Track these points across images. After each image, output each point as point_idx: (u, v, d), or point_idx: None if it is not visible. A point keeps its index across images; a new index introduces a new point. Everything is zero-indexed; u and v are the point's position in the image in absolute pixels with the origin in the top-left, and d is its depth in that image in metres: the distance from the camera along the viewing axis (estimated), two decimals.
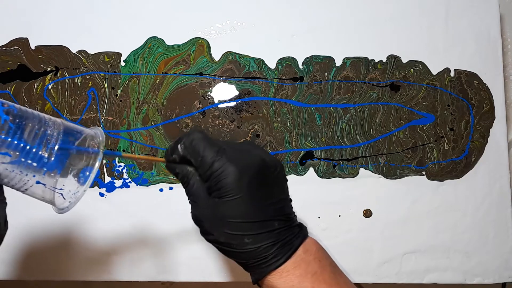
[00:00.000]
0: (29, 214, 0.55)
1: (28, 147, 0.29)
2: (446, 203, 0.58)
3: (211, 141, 0.35)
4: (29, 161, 0.30)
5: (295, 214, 0.37)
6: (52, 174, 0.31)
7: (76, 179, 0.32)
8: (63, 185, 0.32)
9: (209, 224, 0.34)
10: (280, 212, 0.35)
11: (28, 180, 0.30)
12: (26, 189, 0.31)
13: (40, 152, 0.30)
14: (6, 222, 0.34)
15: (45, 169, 0.30)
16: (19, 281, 0.55)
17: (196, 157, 0.34)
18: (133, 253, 0.56)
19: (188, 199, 0.36)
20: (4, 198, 0.34)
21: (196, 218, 0.35)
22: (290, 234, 0.35)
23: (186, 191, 0.36)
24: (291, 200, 0.37)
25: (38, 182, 0.31)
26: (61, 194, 0.32)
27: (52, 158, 0.30)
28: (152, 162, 0.57)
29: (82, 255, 0.56)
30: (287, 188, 0.37)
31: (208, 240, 0.35)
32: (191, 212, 0.36)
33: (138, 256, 0.56)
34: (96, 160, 0.32)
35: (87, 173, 0.32)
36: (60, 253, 0.56)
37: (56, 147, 0.30)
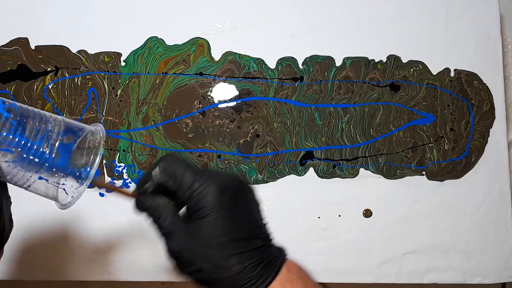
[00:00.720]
0: (29, 214, 0.55)
1: (30, 144, 0.30)
2: (446, 203, 0.58)
3: (190, 163, 0.35)
4: (31, 157, 0.30)
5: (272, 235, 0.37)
6: (54, 170, 0.31)
7: (78, 173, 0.32)
8: (65, 180, 0.32)
9: (189, 253, 0.32)
10: (260, 231, 0.35)
11: (30, 176, 0.31)
12: (29, 185, 0.31)
13: (42, 148, 0.30)
14: (11, 220, 0.34)
15: (47, 164, 0.30)
16: (19, 281, 0.55)
17: (175, 177, 0.34)
18: (133, 253, 0.56)
19: (161, 233, 0.34)
20: (9, 197, 0.34)
21: (173, 251, 0.33)
22: (272, 253, 0.34)
23: (157, 226, 0.34)
24: (266, 224, 0.37)
25: (40, 178, 0.31)
26: (64, 189, 0.32)
27: (54, 154, 0.31)
28: (153, 162, 0.57)
29: (82, 255, 0.56)
30: (262, 212, 0.37)
31: (189, 274, 0.33)
32: (165, 247, 0.33)
33: (138, 256, 0.55)
34: (97, 155, 0.32)
35: (88, 169, 0.32)
36: (60, 253, 0.56)
37: (57, 143, 0.31)
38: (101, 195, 0.57)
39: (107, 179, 0.57)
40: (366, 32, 0.60)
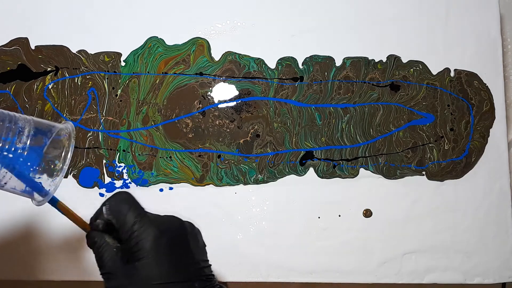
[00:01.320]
0: (28, 214, 0.55)
1: (2, 140, 0.31)
2: (446, 203, 0.58)
3: (135, 204, 0.36)
4: (5, 153, 0.31)
5: (215, 276, 0.38)
6: (29, 164, 0.32)
7: (52, 166, 0.33)
8: (40, 176, 0.33)
9: None
10: (200, 273, 0.35)
11: (6, 173, 0.31)
12: (5, 183, 0.32)
13: (15, 144, 0.31)
14: None
15: (21, 159, 0.31)
16: (19, 281, 0.55)
17: (118, 216, 0.35)
18: None
19: (101, 273, 0.35)
20: None
21: None
22: None
23: (99, 265, 0.35)
24: (210, 265, 0.38)
25: (16, 174, 0.32)
26: (40, 183, 0.33)
27: (26, 151, 0.32)
28: (153, 162, 0.57)
29: (82, 255, 0.56)
30: (206, 253, 0.38)
31: None
32: (104, 286, 0.35)
33: None
34: (69, 147, 0.33)
35: (61, 164, 0.33)
36: (60, 253, 0.56)
37: (28, 141, 0.32)
38: (101, 195, 0.57)
39: (107, 179, 0.57)
40: (366, 32, 0.60)
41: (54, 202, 0.35)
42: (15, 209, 0.55)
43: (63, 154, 0.33)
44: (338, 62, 0.60)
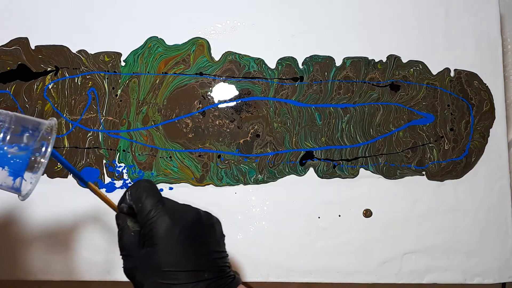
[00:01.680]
0: (28, 214, 0.55)
1: None
2: (446, 203, 0.58)
3: (154, 192, 0.37)
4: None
5: (229, 266, 0.38)
6: (12, 159, 0.33)
7: (33, 158, 0.34)
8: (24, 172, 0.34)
9: (140, 275, 0.35)
10: (211, 264, 0.36)
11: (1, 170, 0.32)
12: None
13: (5, 143, 0.32)
14: None
15: (1, 151, 0.32)
16: (19, 281, 0.55)
17: (137, 203, 0.37)
18: None
19: (121, 254, 0.37)
20: None
21: (128, 272, 0.36)
22: (221, 285, 0.36)
23: (119, 246, 0.37)
24: (227, 255, 0.39)
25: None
26: (25, 179, 0.33)
27: (7, 144, 0.33)
28: (153, 162, 0.57)
29: (82, 255, 0.56)
30: (224, 244, 0.39)
31: None
32: (123, 267, 0.37)
33: None
34: (50, 142, 0.34)
35: (42, 159, 0.34)
36: (60, 253, 0.56)
37: (8, 136, 0.33)
38: None
39: (107, 179, 0.57)
40: (366, 32, 0.60)
41: (85, 183, 0.38)
42: (14, 209, 0.55)
43: (43, 149, 0.34)
44: (338, 62, 0.60)
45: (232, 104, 0.59)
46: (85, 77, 0.58)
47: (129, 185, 0.57)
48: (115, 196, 0.57)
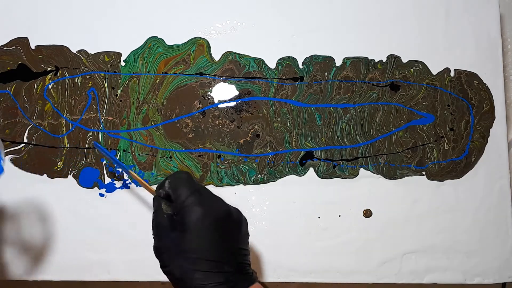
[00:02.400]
0: (28, 214, 0.55)
1: None
2: (446, 203, 0.58)
3: (192, 183, 0.40)
4: None
5: (249, 264, 0.41)
6: None
7: None
8: None
9: (167, 255, 0.38)
10: (233, 258, 0.39)
11: None
12: None
13: None
14: None
15: None
16: (19, 281, 0.55)
17: (175, 191, 0.40)
18: (133, 253, 0.56)
19: (153, 233, 0.40)
20: None
21: (158, 250, 0.39)
22: (238, 279, 0.38)
23: (153, 225, 0.40)
24: (249, 253, 0.41)
25: None
26: None
27: None
28: (153, 162, 0.57)
29: (82, 255, 0.56)
30: (248, 242, 0.42)
31: (164, 272, 0.39)
32: (153, 245, 0.39)
33: (138, 256, 0.55)
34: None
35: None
36: (60, 253, 0.56)
37: None
38: (101, 195, 0.57)
39: (107, 180, 0.57)
40: (366, 32, 0.60)
41: (126, 170, 0.44)
42: (14, 209, 0.55)
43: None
44: (338, 62, 0.60)
45: (232, 104, 0.59)
46: (85, 77, 0.58)
47: (129, 185, 0.57)
48: (115, 196, 0.57)
